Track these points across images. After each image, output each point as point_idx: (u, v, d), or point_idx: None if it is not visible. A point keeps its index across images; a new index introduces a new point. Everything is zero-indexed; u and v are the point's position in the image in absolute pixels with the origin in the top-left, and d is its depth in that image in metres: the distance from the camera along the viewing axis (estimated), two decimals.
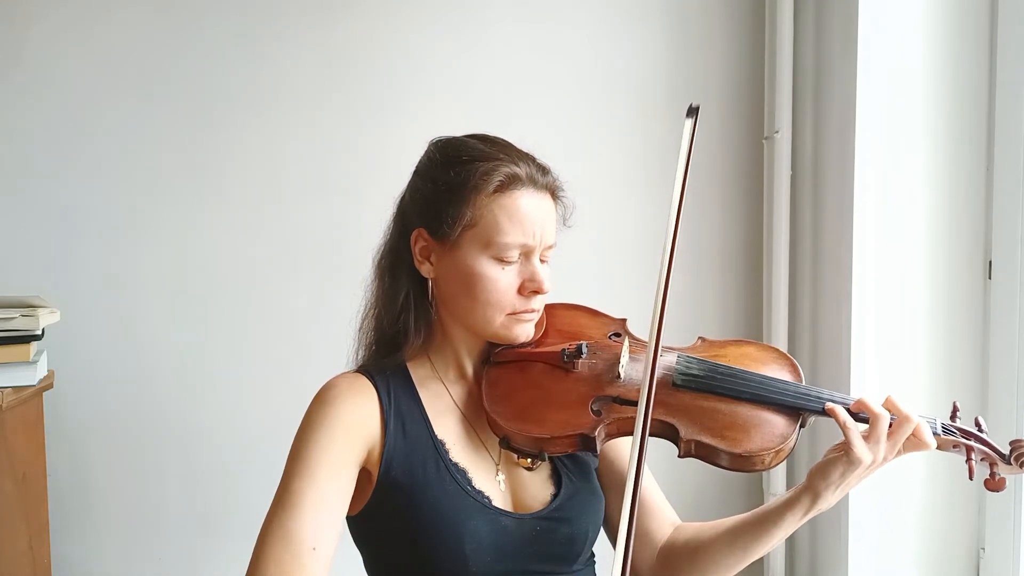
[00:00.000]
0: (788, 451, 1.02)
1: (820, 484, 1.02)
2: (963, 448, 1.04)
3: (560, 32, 2.13)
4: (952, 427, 1.05)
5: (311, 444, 1.01)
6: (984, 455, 1.04)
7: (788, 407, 1.04)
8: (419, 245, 1.09)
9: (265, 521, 0.98)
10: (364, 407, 1.05)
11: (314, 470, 0.99)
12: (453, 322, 1.11)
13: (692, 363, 1.08)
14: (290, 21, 2.11)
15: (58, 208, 2.09)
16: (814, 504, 1.03)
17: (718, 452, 1.00)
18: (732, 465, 1.00)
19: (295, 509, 0.96)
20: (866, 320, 1.76)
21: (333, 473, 1.00)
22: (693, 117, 1.04)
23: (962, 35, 1.73)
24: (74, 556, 2.11)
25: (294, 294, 2.13)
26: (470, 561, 1.02)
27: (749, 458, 0.99)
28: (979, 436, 1.04)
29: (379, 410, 1.06)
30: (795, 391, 1.05)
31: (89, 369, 2.09)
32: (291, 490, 0.98)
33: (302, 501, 0.97)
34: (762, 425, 1.02)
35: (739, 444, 1.00)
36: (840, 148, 1.82)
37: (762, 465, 1.00)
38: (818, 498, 1.02)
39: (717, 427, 1.01)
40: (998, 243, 1.71)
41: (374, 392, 1.07)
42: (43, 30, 2.06)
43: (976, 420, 1.07)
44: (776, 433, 1.01)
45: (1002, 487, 1.03)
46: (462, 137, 1.12)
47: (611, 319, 1.18)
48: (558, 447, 1.02)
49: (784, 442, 1.01)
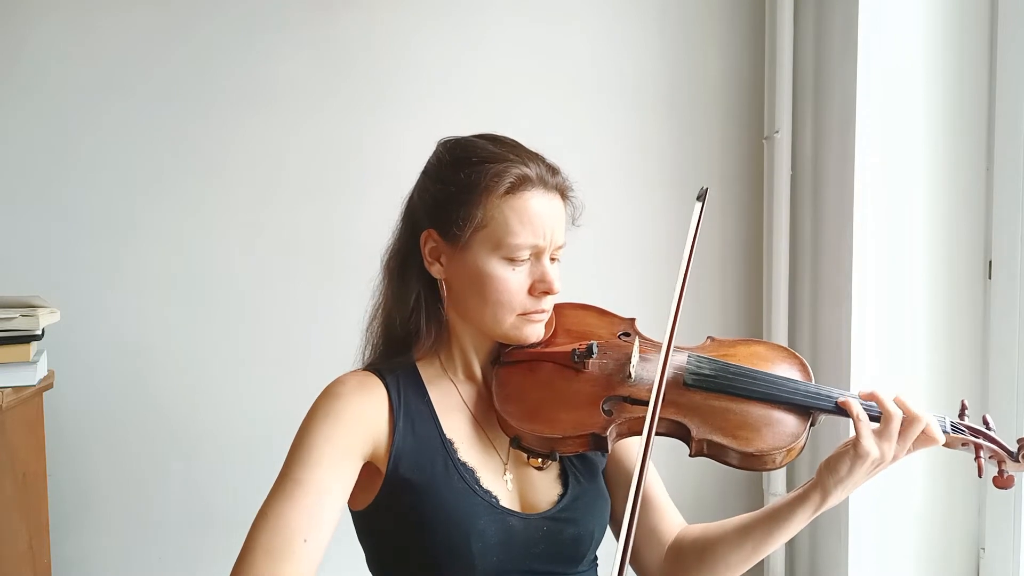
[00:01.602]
0: (799, 450, 1.02)
1: (828, 479, 1.02)
2: (972, 446, 1.04)
3: (560, 32, 2.13)
4: (961, 425, 1.06)
5: (315, 434, 1.01)
6: (992, 453, 1.05)
7: (799, 406, 1.04)
8: (429, 246, 1.09)
9: (262, 507, 0.97)
10: (373, 402, 1.06)
11: (315, 459, 0.99)
12: (463, 322, 1.11)
13: (703, 363, 1.08)
14: (290, 21, 2.11)
15: (58, 208, 2.08)
16: (824, 500, 1.03)
17: (729, 451, 1.00)
18: (743, 464, 1.01)
19: (291, 498, 0.96)
20: (866, 320, 1.76)
21: (334, 464, 1.00)
22: (702, 200, 1.06)
23: (962, 35, 1.73)
24: (74, 556, 2.11)
25: (295, 293, 2.13)
26: (476, 560, 1.02)
27: (760, 457, 1.00)
28: (987, 434, 1.05)
29: (388, 407, 1.06)
30: (806, 390, 1.05)
31: (89, 369, 2.09)
32: (290, 478, 0.98)
33: (299, 490, 0.97)
34: (773, 424, 1.03)
35: (750, 443, 1.00)
36: (840, 148, 1.82)
37: (772, 464, 1.01)
38: (827, 494, 1.03)
39: (728, 426, 1.02)
40: (998, 243, 1.71)
41: (383, 389, 1.07)
42: (42, 30, 2.06)
43: (984, 418, 1.08)
44: (787, 432, 1.02)
45: (1011, 484, 1.04)
46: (471, 137, 1.12)
47: (620, 319, 1.18)
48: (570, 447, 1.02)
49: (795, 441, 1.01)
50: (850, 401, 1.02)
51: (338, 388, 1.06)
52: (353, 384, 1.07)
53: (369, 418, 1.04)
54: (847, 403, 1.02)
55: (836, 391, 1.05)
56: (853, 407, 1.01)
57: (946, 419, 1.05)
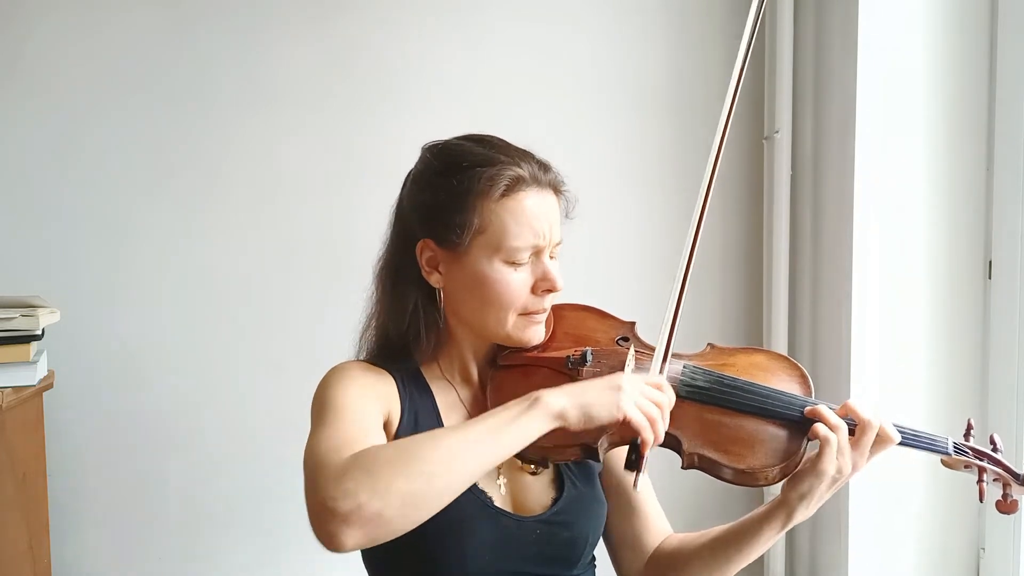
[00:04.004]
0: (794, 467, 1.00)
1: (792, 497, 1.01)
2: (975, 468, 1.01)
3: (560, 32, 2.13)
4: (964, 447, 1.02)
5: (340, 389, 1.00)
6: (997, 476, 1.01)
7: (794, 421, 1.02)
8: (426, 256, 1.08)
9: (307, 445, 0.92)
10: (384, 383, 1.07)
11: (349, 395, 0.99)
12: (462, 327, 1.11)
13: (698, 374, 1.06)
14: (290, 21, 2.10)
15: (58, 208, 2.08)
16: (789, 517, 1.03)
17: (721, 466, 0.99)
18: (735, 480, 0.99)
19: (336, 424, 0.94)
20: (866, 320, 1.76)
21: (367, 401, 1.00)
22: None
23: (962, 35, 1.73)
24: (74, 556, 2.10)
25: (295, 294, 2.13)
26: (469, 560, 1.02)
27: (752, 474, 0.99)
28: (993, 456, 1.02)
29: (397, 394, 1.07)
30: (803, 404, 1.02)
31: (89, 369, 2.09)
32: (327, 413, 0.96)
33: (342, 416, 0.95)
34: (767, 441, 1.01)
35: (742, 460, 0.99)
36: (840, 148, 1.82)
37: (765, 481, 0.99)
38: (792, 511, 1.02)
39: (721, 441, 1.00)
40: (998, 243, 1.71)
41: (391, 377, 1.08)
42: (42, 30, 2.06)
43: (992, 438, 1.05)
44: (780, 449, 1.00)
45: (1015, 510, 1.00)
46: (457, 141, 1.10)
47: (620, 322, 1.16)
48: (561, 456, 1.02)
49: (789, 459, 0.99)
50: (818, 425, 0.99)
51: (347, 365, 1.06)
52: (362, 366, 1.07)
53: (383, 391, 1.05)
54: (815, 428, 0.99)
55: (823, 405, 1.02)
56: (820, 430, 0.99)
57: (948, 440, 1.02)
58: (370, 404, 1.01)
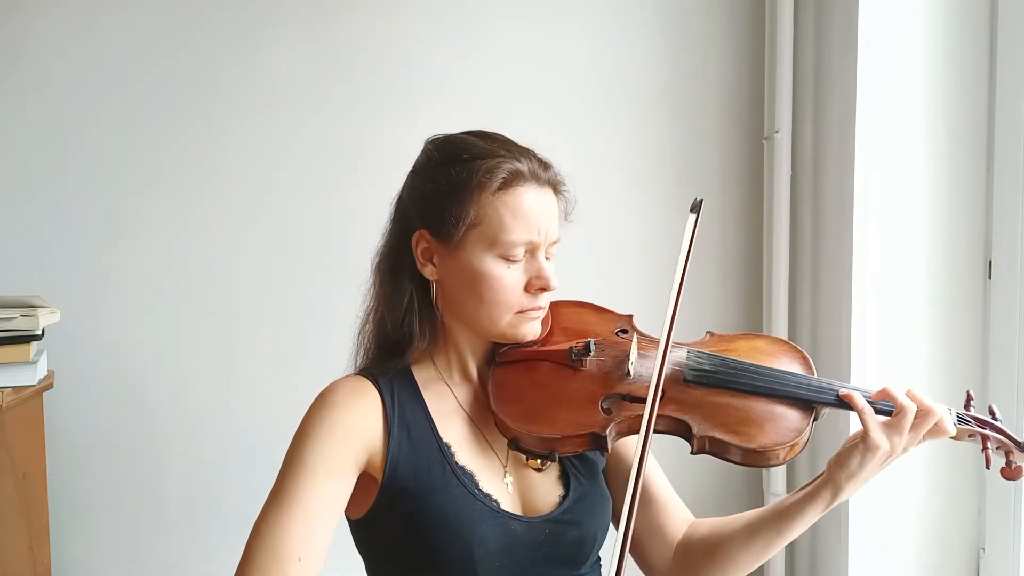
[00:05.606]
0: (802, 445, 1.01)
1: (839, 475, 1.01)
2: (979, 437, 1.03)
3: (560, 32, 2.13)
4: (967, 416, 1.04)
5: (309, 447, 0.99)
6: (1000, 443, 1.03)
7: (801, 400, 1.03)
8: (421, 247, 1.07)
9: (256, 521, 0.96)
10: (366, 411, 1.04)
11: (310, 474, 0.97)
12: (457, 323, 1.10)
13: (703, 358, 1.07)
14: (289, 21, 2.10)
15: (57, 208, 2.08)
16: (835, 496, 1.02)
17: (731, 448, 0.99)
18: (745, 460, 1.00)
19: (286, 515, 0.95)
20: (866, 320, 1.76)
21: (329, 479, 0.98)
22: (696, 212, 1.05)
23: (962, 35, 1.73)
24: (74, 556, 2.11)
25: (295, 293, 2.13)
26: (478, 566, 1.00)
27: (763, 453, 0.99)
28: (994, 424, 1.04)
29: (382, 414, 1.04)
30: (808, 383, 1.04)
31: (89, 369, 2.09)
32: (285, 492, 0.97)
33: (294, 506, 0.95)
34: (776, 419, 1.02)
35: (753, 439, 0.99)
36: (840, 148, 1.82)
37: (776, 460, 1.00)
38: (839, 489, 1.02)
39: (730, 422, 1.01)
40: (998, 243, 1.71)
41: (377, 396, 1.05)
42: (41, 30, 2.06)
43: (990, 408, 1.06)
44: (790, 427, 1.01)
45: (1019, 475, 1.02)
46: (460, 135, 1.10)
47: (617, 316, 1.17)
48: (569, 447, 1.01)
49: (798, 436, 1.00)
50: (852, 394, 1.01)
51: (331, 396, 1.04)
52: (346, 391, 1.04)
53: (363, 427, 1.02)
54: (850, 396, 1.01)
55: (838, 384, 1.04)
56: (856, 400, 1.00)
57: (952, 410, 1.03)
58: (333, 482, 0.99)
